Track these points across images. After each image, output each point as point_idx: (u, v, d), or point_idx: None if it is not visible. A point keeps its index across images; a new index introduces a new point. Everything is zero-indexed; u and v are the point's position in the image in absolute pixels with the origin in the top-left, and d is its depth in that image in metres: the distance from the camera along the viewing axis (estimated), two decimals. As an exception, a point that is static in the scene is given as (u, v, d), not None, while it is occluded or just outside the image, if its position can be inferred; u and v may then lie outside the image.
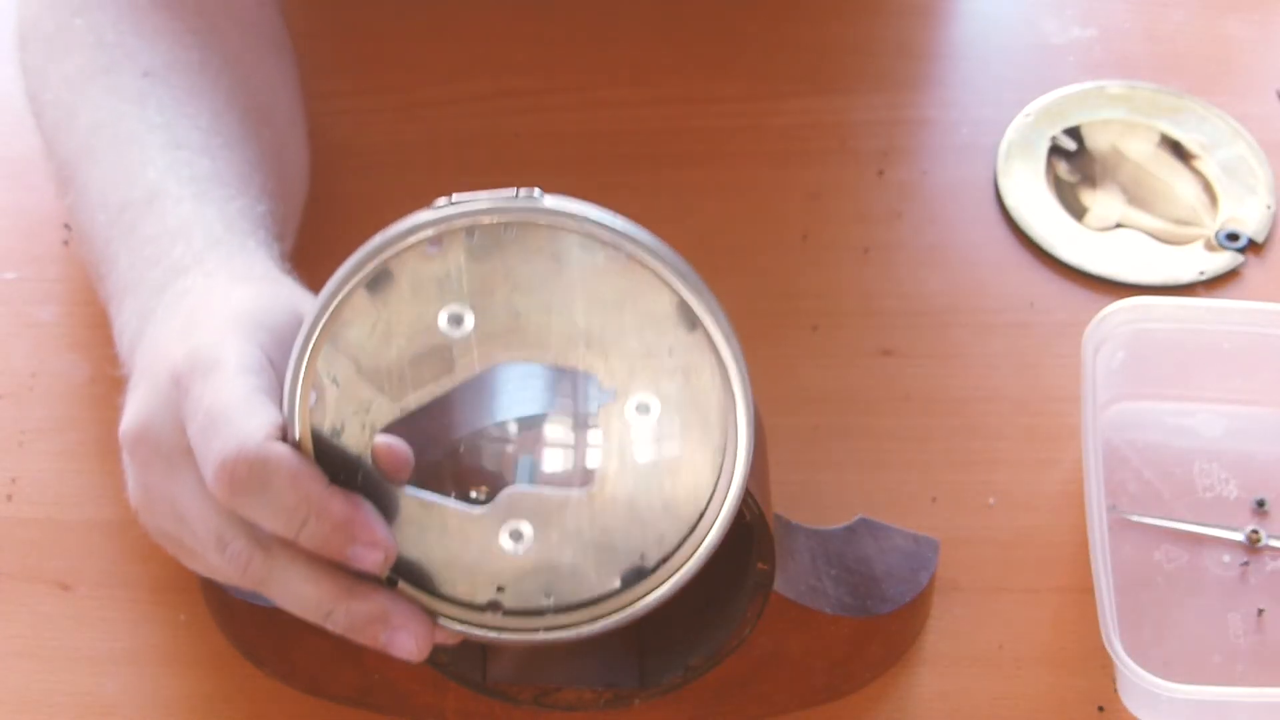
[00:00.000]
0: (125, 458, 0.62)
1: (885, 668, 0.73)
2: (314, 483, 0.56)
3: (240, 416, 0.56)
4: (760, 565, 0.66)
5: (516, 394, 0.59)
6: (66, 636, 0.73)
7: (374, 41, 0.94)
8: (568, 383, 0.58)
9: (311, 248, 0.75)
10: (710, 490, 0.58)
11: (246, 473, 0.55)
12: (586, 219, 0.55)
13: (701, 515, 0.59)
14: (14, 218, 0.87)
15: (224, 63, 0.76)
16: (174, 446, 0.59)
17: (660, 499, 0.58)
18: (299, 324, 0.58)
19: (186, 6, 0.76)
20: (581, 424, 0.58)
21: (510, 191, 0.55)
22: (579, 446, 0.58)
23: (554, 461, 0.58)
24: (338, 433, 0.57)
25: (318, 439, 0.57)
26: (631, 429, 0.57)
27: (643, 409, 0.57)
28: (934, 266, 0.85)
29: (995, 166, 0.88)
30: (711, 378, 0.57)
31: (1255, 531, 0.75)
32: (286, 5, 0.85)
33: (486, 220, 0.55)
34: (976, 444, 0.79)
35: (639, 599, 0.60)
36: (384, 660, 0.69)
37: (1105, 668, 0.72)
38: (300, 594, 0.58)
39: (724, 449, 0.58)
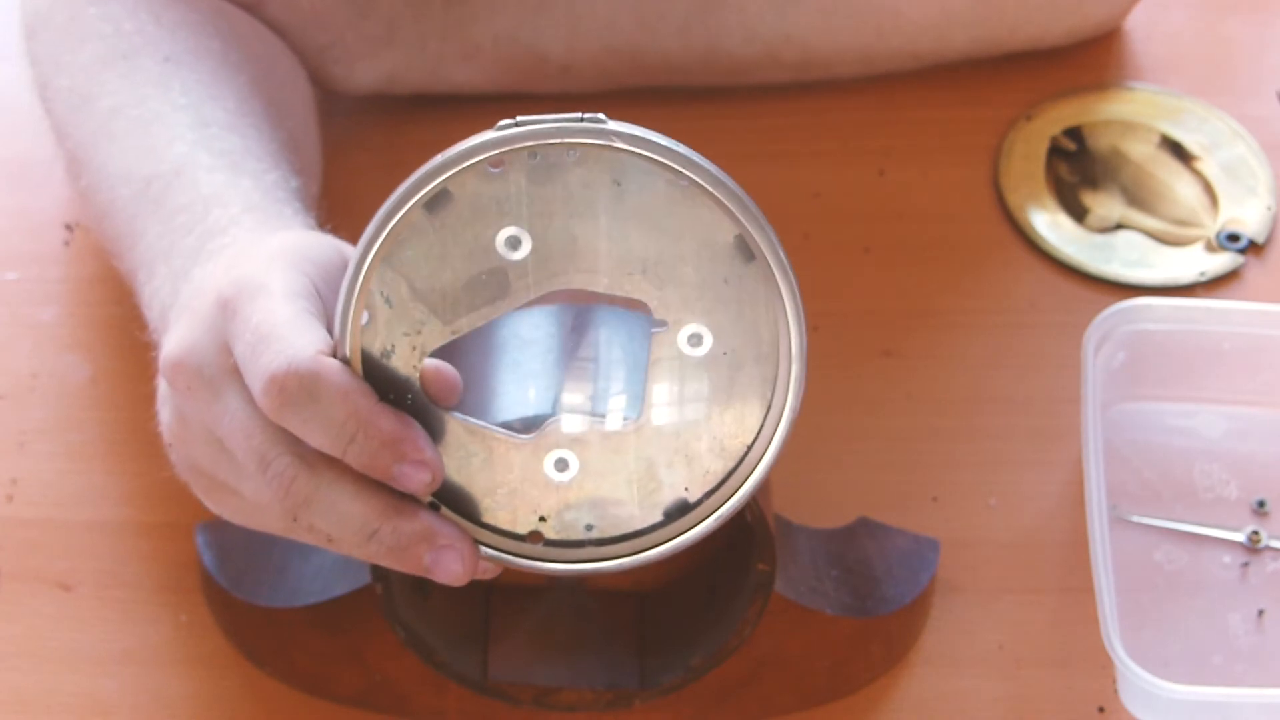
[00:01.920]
0: (162, 387, 0.61)
1: (885, 668, 0.73)
2: (364, 398, 0.56)
3: (291, 333, 0.56)
4: (760, 566, 0.66)
5: (569, 323, 0.59)
6: (66, 636, 0.73)
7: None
8: (621, 313, 0.58)
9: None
10: (758, 426, 0.58)
11: (297, 385, 0.55)
12: (650, 142, 0.55)
13: (748, 450, 0.58)
14: (14, 218, 0.87)
15: (244, 56, 0.76)
16: (218, 368, 0.58)
17: (707, 432, 0.58)
18: (344, 260, 0.57)
19: (205, 1, 0.76)
20: (633, 353, 0.58)
21: (575, 115, 0.55)
22: (629, 377, 0.58)
23: (603, 391, 0.58)
24: (388, 354, 0.57)
25: (367, 359, 0.57)
26: (682, 360, 0.57)
27: (695, 340, 0.57)
28: (934, 266, 0.85)
29: (995, 166, 0.88)
30: (767, 311, 0.57)
31: (1255, 532, 0.75)
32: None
33: (551, 141, 0.55)
34: (976, 444, 0.79)
35: (681, 534, 0.59)
36: (385, 660, 0.69)
37: (1105, 668, 0.72)
38: (346, 512, 0.57)
39: (774, 384, 0.58)
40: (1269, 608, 0.73)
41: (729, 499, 0.59)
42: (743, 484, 0.59)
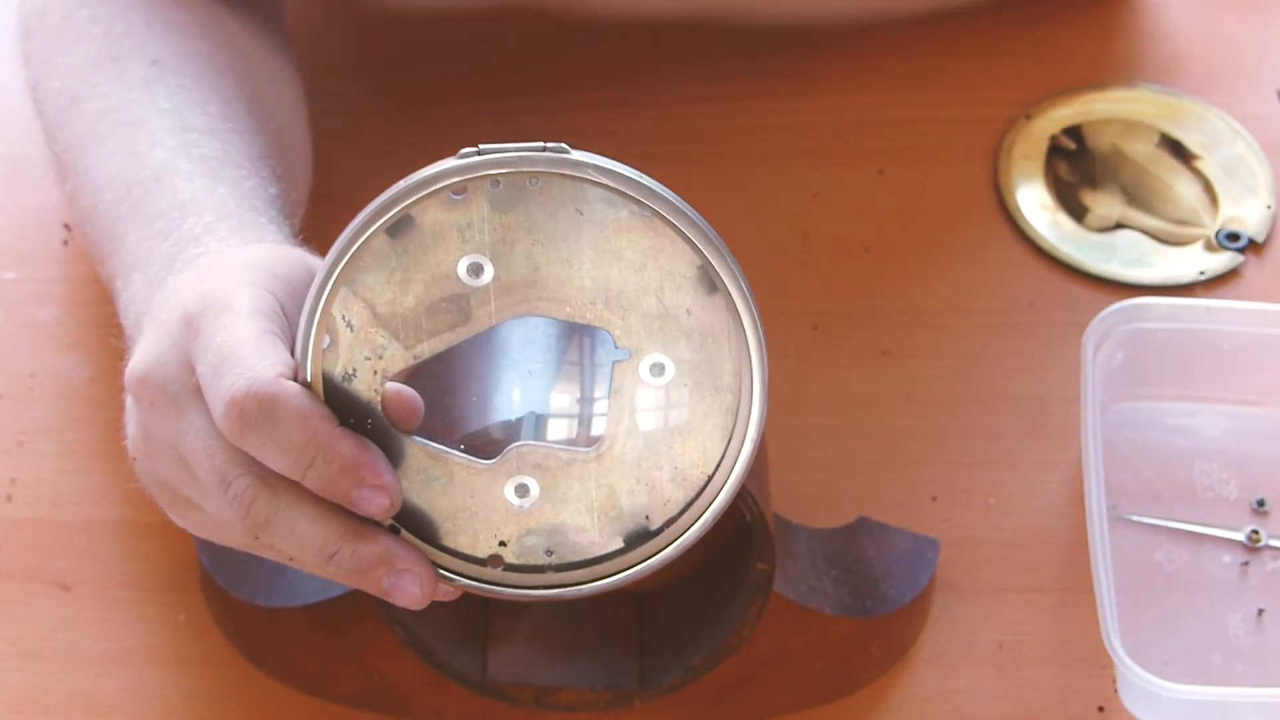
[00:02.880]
0: (128, 402, 0.61)
1: (885, 668, 0.73)
2: (323, 423, 0.56)
3: (252, 355, 0.56)
4: (760, 565, 0.66)
5: (531, 350, 0.59)
6: (66, 636, 0.73)
7: (374, 41, 0.94)
8: (582, 341, 0.58)
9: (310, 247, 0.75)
10: (719, 455, 0.58)
11: (256, 409, 0.55)
12: (613, 173, 0.55)
13: (709, 480, 0.58)
14: (14, 218, 0.87)
15: (230, 57, 0.76)
16: (182, 386, 0.58)
17: (668, 461, 0.58)
18: (311, 276, 0.57)
19: (194, 0, 0.76)
20: (593, 382, 0.58)
21: (538, 144, 0.55)
22: (590, 405, 0.58)
23: (563, 419, 0.58)
24: (349, 377, 0.57)
25: (329, 382, 0.57)
26: (644, 390, 0.57)
27: (656, 370, 0.57)
28: (934, 266, 0.85)
29: (995, 166, 0.88)
30: (729, 342, 0.57)
31: (1255, 531, 0.75)
32: (292, 5, 0.85)
33: (511, 170, 0.55)
34: (976, 444, 0.79)
35: (641, 561, 0.59)
36: (384, 660, 0.69)
37: (1105, 668, 0.72)
38: (305, 535, 0.57)
39: (735, 414, 0.58)
40: (1269, 607, 0.73)
41: (690, 528, 0.59)
42: (704, 513, 0.59)
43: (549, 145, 0.55)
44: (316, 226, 0.80)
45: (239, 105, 0.73)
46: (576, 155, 0.55)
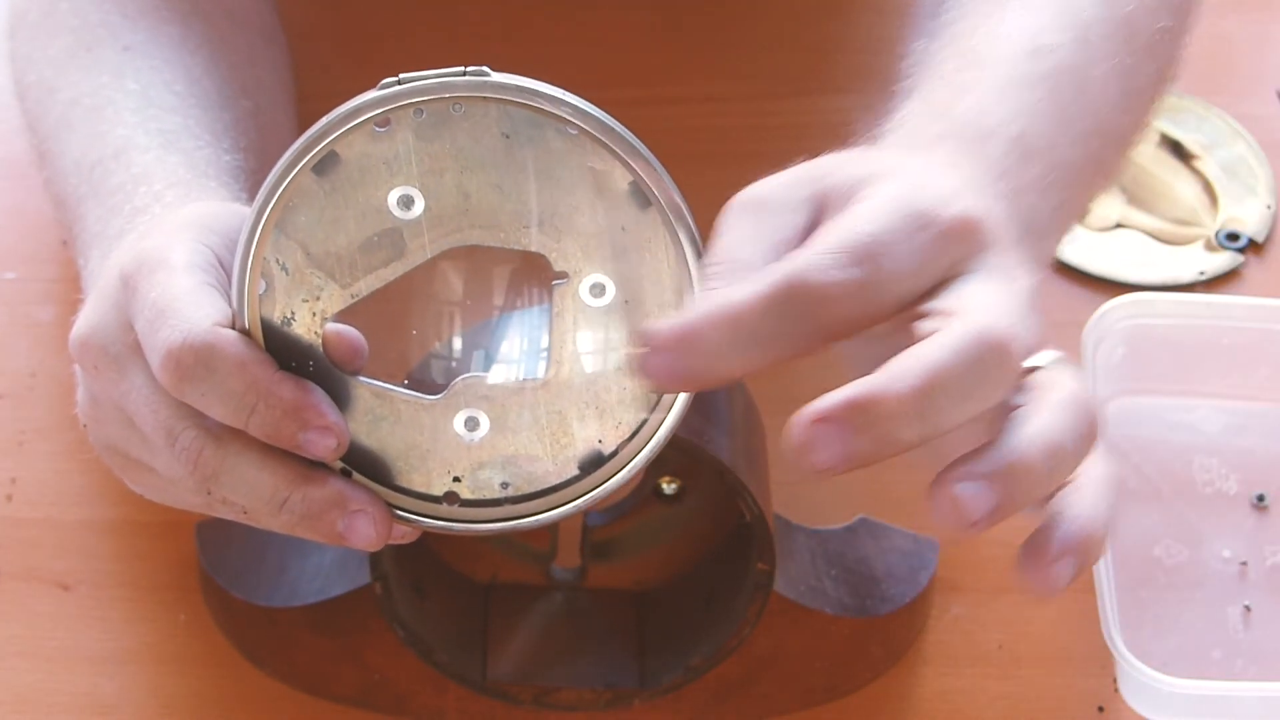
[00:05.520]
0: (75, 368, 0.61)
1: (885, 668, 0.73)
2: (262, 368, 0.55)
3: (187, 307, 0.55)
4: (760, 565, 0.66)
5: (469, 280, 0.58)
6: (66, 636, 0.73)
7: (374, 41, 0.94)
8: (520, 266, 0.57)
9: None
10: None
11: (193, 360, 0.54)
12: (535, 92, 0.54)
13: (659, 399, 0.58)
14: (14, 218, 0.87)
15: (203, 39, 0.76)
16: (122, 346, 0.58)
17: (616, 383, 0.57)
18: None
19: None
20: (535, 308, 0.58)
21: (458, 69, 0.54)
22: (533, 332, 0.58)
23: (509, 348, 0.58)
24: (288, 321, 0.56)
25: (268, 328, 0.56)
26: (586, 311, 0.57)
27: (597, 290, 0.56)
28: (934, 266, 0.85)
29: (995, 167, 0.88)
30: (666, 255, 0.56)
31: (1255, 527, 0.75)
32: (286, 5, 0.85)
33: (433, 97, 0.54)
34: (977, 444, 0.79)
35: (597, 485, 0.58)
36: (384, 660, 0.69)
37: (1105, 667, 0.72)
38: (254, 482, 0.56)
39: None
40: (1269, 602, 0.73)
41: (643, 448, 0.58)
42: (655, 431, 0.58)
43: (469, 69, 0.54)
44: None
45: (207, 83, 0.73)
46: (497, 77, 0.54)
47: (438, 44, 0.93)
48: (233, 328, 0.55)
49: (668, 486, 0.70)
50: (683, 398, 0.57)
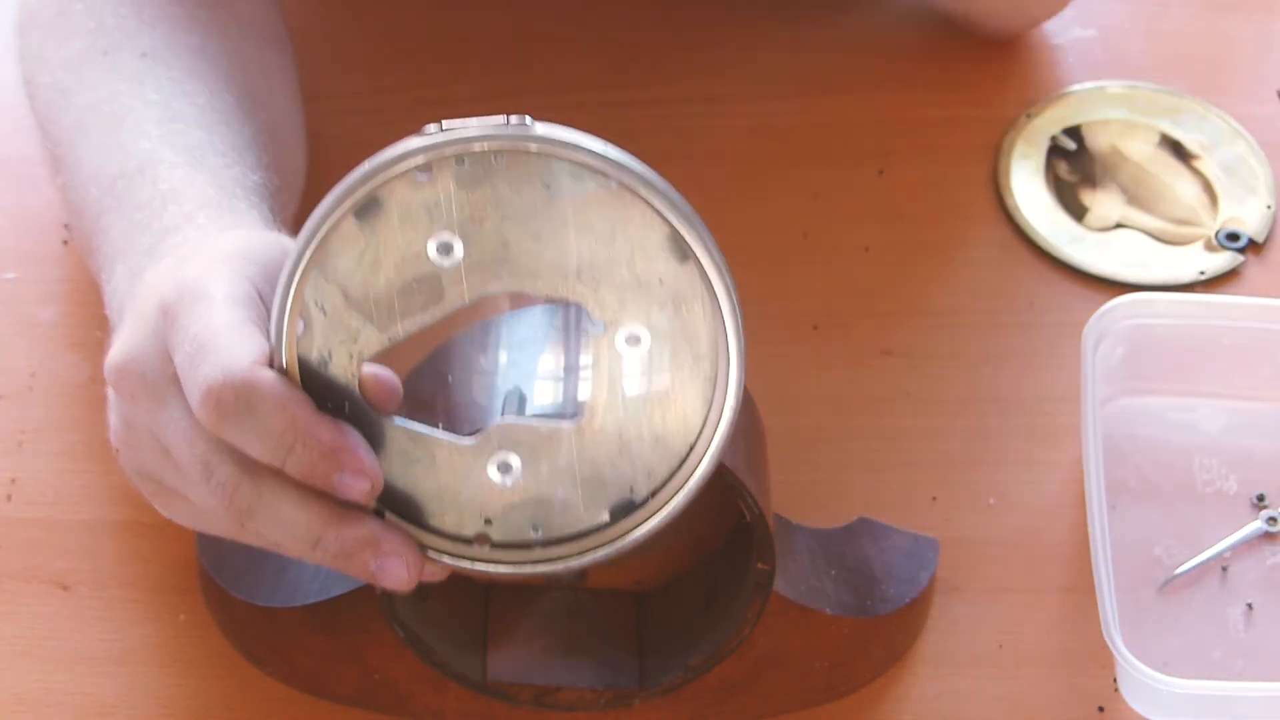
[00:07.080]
0: (110, 393, 0.61)
1: (885, 668, 0.73)
2: (301, 408, 0.55)
3: (228, 343, 0.55)
4: (760, 565, 0.66)
5: (508, 327, 0.58)
6: (66, 636, 0.73)
7: (375, 41, 0.94)
8: (559, 316, 0.57)
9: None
10: (700, 423, 0.58)
11: (233, 398, 0.55)
12: (577, 146, 0.55)
13: (691, 448, 0.58)
14: (14, 218, 0.87)
15: (220, 49, 0.76)
16: (160, 375, 0.58)
17: (650, 432, 0.58)
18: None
19: None
20: (572, 356, 0.58)
21: (501, 118, 0.54)
22: (569, 379, 0.58)
23: (544, 394, 0.58)
24: (325, 362, 0.57)
25: (305, 368, 0.57)
26: (621, 361, 0.57)
27: (633, 340, 0.57)
28: (934, 266, 0.85)
29: (995, 166, 0.88)
30: (703, 309, 0.57)
31: (1255, 526, 0.75)
32: (289, 5, 0.85)
33: (477, 147, 0.54)
34: (976, 444, 0.79)
35: (627, 532, 0.59)
36: (384, 660, 0.69)
37: (1105, 667, 0.72)
38: (290, 520, 0.57)
39: (714, 382, 0.57)
40: (1269, 602, 0.73)
41: (674, 496, 0.59)
42: (687, 481, 0.58)
43: (512, 118, 0.54)
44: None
45: (228, 96, 0.73)
46: (539, 129, 0.54)
47: (438, 44, 0.93)
48: (271, 365, 0.56)
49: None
50: (714, 448, 0.58)
